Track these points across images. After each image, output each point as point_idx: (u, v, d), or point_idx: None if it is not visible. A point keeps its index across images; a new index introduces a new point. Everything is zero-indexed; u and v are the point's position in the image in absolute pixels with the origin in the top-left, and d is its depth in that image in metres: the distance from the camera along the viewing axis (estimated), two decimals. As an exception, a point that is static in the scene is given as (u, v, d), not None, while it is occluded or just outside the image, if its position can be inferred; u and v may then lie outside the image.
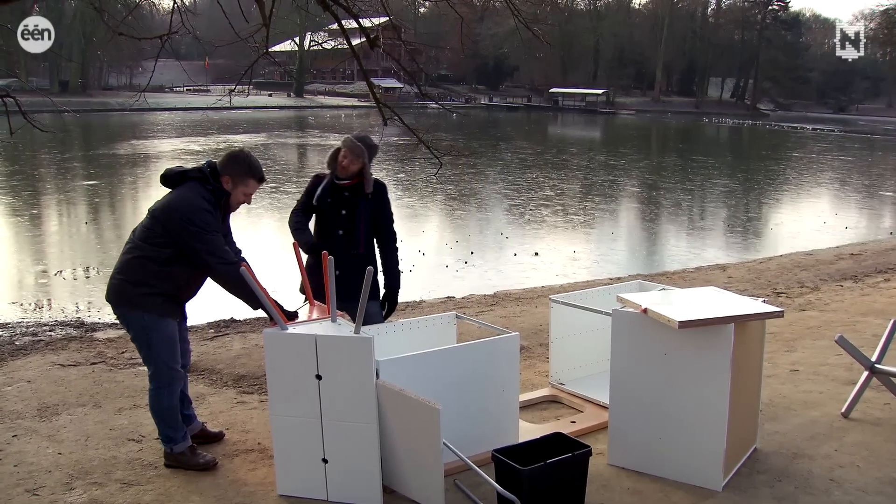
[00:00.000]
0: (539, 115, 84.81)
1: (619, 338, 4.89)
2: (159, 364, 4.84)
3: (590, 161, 36.41)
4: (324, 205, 5.69)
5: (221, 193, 4.82)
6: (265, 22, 8.08)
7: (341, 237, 5.67)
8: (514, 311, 9.56)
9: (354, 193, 5.69)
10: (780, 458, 5.11)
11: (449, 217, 20.20)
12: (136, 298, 4.73)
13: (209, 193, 4.75)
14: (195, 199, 4.68)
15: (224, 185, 4.82)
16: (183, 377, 5.03)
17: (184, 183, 4.77)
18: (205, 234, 4.62)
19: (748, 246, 17.61)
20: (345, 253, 5.58)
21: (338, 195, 5.69)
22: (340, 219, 5.67)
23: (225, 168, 4.82)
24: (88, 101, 61.94)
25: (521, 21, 9.29)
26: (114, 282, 4.84)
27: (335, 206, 5.68)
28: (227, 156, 4.88)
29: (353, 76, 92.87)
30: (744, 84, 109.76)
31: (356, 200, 5.69)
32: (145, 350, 4.87)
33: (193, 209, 4.63)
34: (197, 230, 4.60)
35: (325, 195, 5.69)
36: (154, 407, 4.93)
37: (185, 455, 4.91)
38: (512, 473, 4.16)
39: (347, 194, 5.68)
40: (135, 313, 4.77)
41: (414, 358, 4.70)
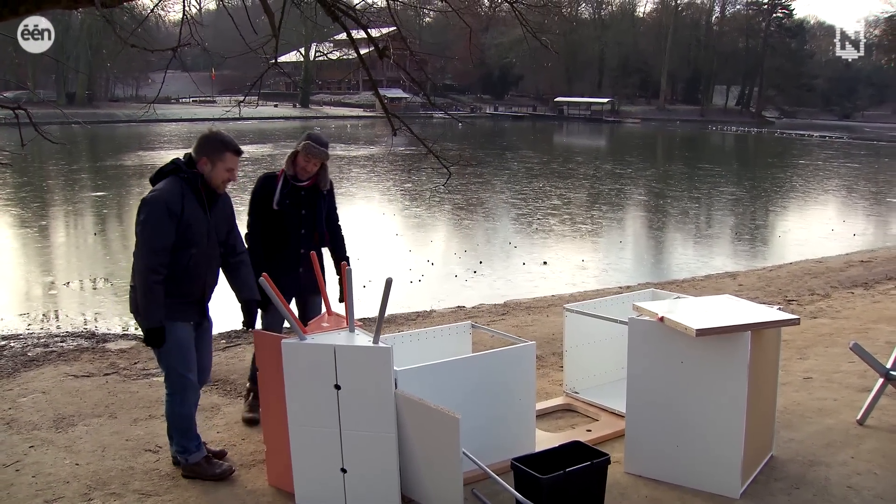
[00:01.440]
0: (544, 124, 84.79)
1: (635, 346, 4.90)
2: (170, 370, 4.85)
3: (596, 170, 36.40)
4: (284, 207, 5.78)
5: (197, 178, 4.77)
6: (275, 33, 8.09)
7: (304, 236, 5.83)
8: (525, 321, 9.57)
9: (311, 193, 5.86)
10: (796, 466, 5.11)
11: (457, 226, 20.20)
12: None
13: (184, 183, 4.72)
14: (158, 192, 4.65)
15: (203, 168, 4.79)
16: (196, 387, 4.99)
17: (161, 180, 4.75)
18: (143, 226, 4.59)
19: (756, 254, 17.58)
20: (309, 250, 5.66)
21: (296, 196, 5.81)
22: (302, 219, 5.82)
23: (199, 151, 4.80)
24: (95, 113, 62.03)
25: (528, 30, 9.30)
26: (131, 288, 4.85)
27: (295, 206, 5.81)
28: (198, 139, 4.86)
29: (359, 87, 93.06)
30: (748, 92, 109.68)
31: (314, 199, 5.88)
32: (158, 358, 4.88)
33: (144, 201, 4.64)
34: (140, 220, 4.61)
35: (284, 198, 5.79)
36: (168, 415, 4.94)
37: (200, 466, 4.91)
38: (532, 482, 4.17)
39: (304, 194, 5.84)
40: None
41: (432, 367, 4.72)
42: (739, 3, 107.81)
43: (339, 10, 8.11)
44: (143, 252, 4.60)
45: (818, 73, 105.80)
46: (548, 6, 11.68)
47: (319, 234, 5.91)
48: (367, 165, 35.10)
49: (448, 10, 10.64)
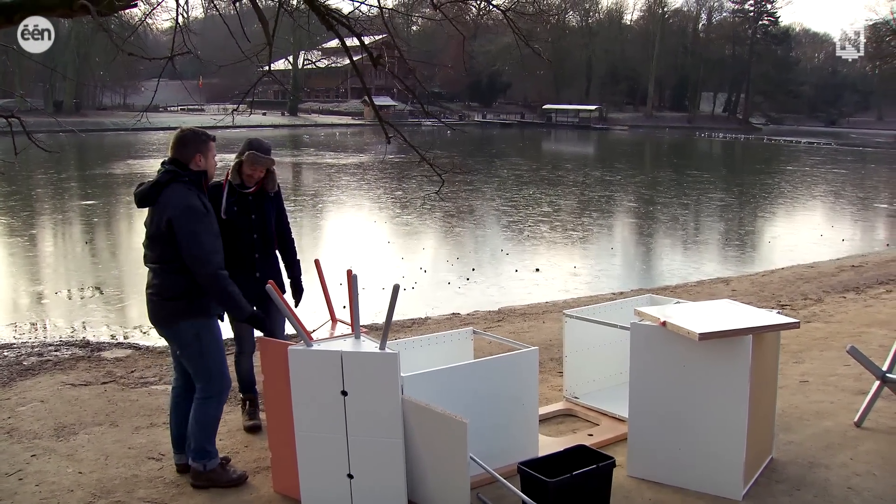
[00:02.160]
0: (533, 131, 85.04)
1: (638, 351, 4.93)
2: (213, 372, 4.90)
3: (585, 177, 36.52)
4: (233, 215, 5.71)
5: (201, 177, 4.88)
6: (269, 41, 8.11)
7: (257, 240, 5.80)
8: (521, 327, 9.60)
9: (258, 197, 5.81)
10: (796, 468, 5.16)
11: (448, 234, 20.23)
12: (182, 309, 4.77)
13: (191, 185, 4.79)
14: (186, 200, 4.71)
15: (199, 164, 4.86)
16: (230, 385, 5.07)
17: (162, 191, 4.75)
18: (195, 234, 4.68)
19: (746, 259, 17.68)
20: (262, 254, 5.82)
21: (243, 202, 5.76)
22: (252, 223, 5.78)
23: (190, 150, 4.84)
24: (83, 121, 61.91)
25: (521, 38, 9.34)
26: (155, 301, 4.83)
27: (244, 212, 5.76)
28: (181, 140, 4.85)
29: (347, 94, 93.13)
30: (735, 98, 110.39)
31: (262, 203, 5.83)
32: (196, 360, 4.87)
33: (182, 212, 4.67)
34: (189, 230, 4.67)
35: (232, 206, 5.73)
36: (200, 418, 4.90)
37: (216, 472, 4.91)
38: (539, 486, 4.19)
39: (251, 199, 5.78)
40: (185, 322, 4.79)
41: (438, 373, 4.75)
42: (726, 11, 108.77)
43: (334, 19, 8.14)
44: (206, 258, 4.69)
45: (804, 79, 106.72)
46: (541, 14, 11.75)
47: (269, 237, 5.88)
48: (356, 173, 35.11)
49: (439, 18, 10.69)
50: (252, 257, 5.79)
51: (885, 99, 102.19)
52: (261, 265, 5.80)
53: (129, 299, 12.33)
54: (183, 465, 5.09)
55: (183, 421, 5.02)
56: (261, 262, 5.81)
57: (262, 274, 5.72)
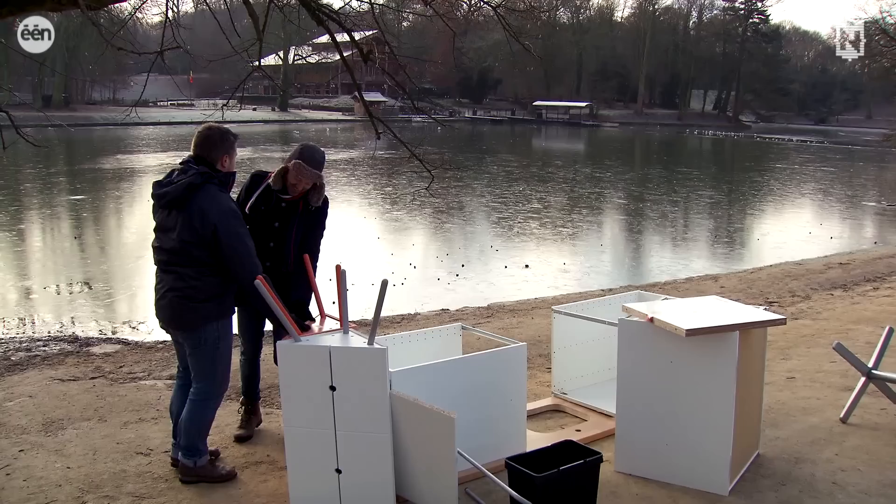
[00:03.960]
0: (523, 128, 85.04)
1: (625, 347, 4.96)
2: (219, 374, 4.90)
3: (575, 174, 36.58)
4: (256, 214, 5.36)
5: (230, 178, 4.85)
6: (259, 36, 8.10)
7: (272, 249, 5.39)
8: (510, 323, 9.62)
9: (292, 206, 5.39)
10: (782, 463, 5.20)
11: (438, 230, 20.24)
12: (211, 311, 4.77)
13: (223, 188, 4.78)
14: (226, 201, 4.75)
15: (225, 165, 4.82)
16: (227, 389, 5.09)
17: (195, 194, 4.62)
18: (241, 236, 4.73)
19: (735, 256, 17.74)
20: (275, 267, 5.36)
21: (273, 205, 5.37)
22: (272, 231, 5.38)
23: (219, 149, 4.79)
24: (72, 116, 61.55)
25: (511, 34, 9.35)
26: (182, 303, 4.73)
27: (268, 216, 5.38)
28: (211, 139, 4.79)
29: (338, 90, 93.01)
30: (726, 96, 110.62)
31: (291, 214, 5.39)
32: (208, 363, 4.84)
33: (226, 213, 4.69)
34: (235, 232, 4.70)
35: (260, 203, 5.37)
36: (197, 418, 4.87)
37: (205, 468, 4.91)
38: (526, 480, 4.21)
39: (284, 206, 5.38)
40: (212, 324, 4.79)
41: (426, 368, 4.77)
42: (716, 9, 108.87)
43: (324, 14, 8.13)
44: (252, 263, 4.72)
45: (794, 77, 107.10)
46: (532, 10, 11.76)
47: (286, 251, 5.40)
48: (346, 169, 35.03)
49: (430, 14, 10.69)
50: (263, 265, 5.20)
51: (875, 97, 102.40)
52: (270, 276, 5.09)
53: (118, 294, 12.31)
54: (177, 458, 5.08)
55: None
56: (270, 272, 5.17)
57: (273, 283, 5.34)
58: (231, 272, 4.71)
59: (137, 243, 16.47)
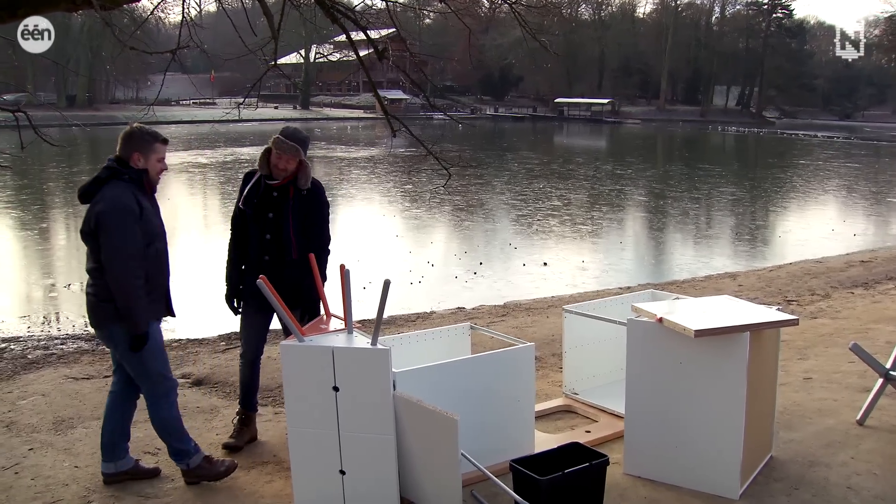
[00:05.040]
0: (544, 125, 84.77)
1: (634, 347, 4.90)
2: (152, 374, 4.78)
3: (596, 171, 36.39)
4: (251, 208, 5.34)
5: (142, 175, 4.71)
6: (274, 35, 8.09)
7: (269, 242, 5.31)
8: (525, 322, 9.57)
9: (283, 194, 5.30)
10: (796, 466, 5.11)
11: (457, 228, 20.20)
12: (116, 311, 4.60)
13: (129, 183, 4.65)
14: (114, 198, 4.56)
15: (136, 164, 4.69)
16: (176, 385, 4.98)
17: (100, 188, 4.61)
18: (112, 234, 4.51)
19: (756, 254, 17.58)
20: (276, 259, 5.31)
21: (265, 196, 5.32)
22: (267, 222, 5.31)
23: (128, 148, 4.69)
24: (95, 115, 61.97)
25: (528, 31, 9.29)
26: (92, 302, 4.72)
27: (262, 208, 5.32)
28: (122, 137, 4.71)
29: (359, 88, 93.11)
30: (749, 92, 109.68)
31: (283, 202, 5.29)
32: (136, 364, 4.75)
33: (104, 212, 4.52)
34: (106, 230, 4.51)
35: (252, 197, 5.33)
36: (158, 423, 4.85)
37: (202, 468, 4.89)
38: (530, 483, 4.17)
39: (276, 195, 5.31)
40: (119, 325, 4.63)
41: (430, 369, 4.72)
42: (739, 4, 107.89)
43: (338, 12, 8.10)
44: (119, 259, 4.52)
45: (818, 73, 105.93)
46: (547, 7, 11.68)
47: (285, 240, 5.30)
48: (367, 167, 35.09)
49: (447, 12, 10.64)
50: (261, 259, 5.33)
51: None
52: (270, 270, 5.13)
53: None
54: (110, 474, 4.93)
55: (117, 427, 4.94)
56: (270, 266, 5.25)
57: (271, 278, 4.90)
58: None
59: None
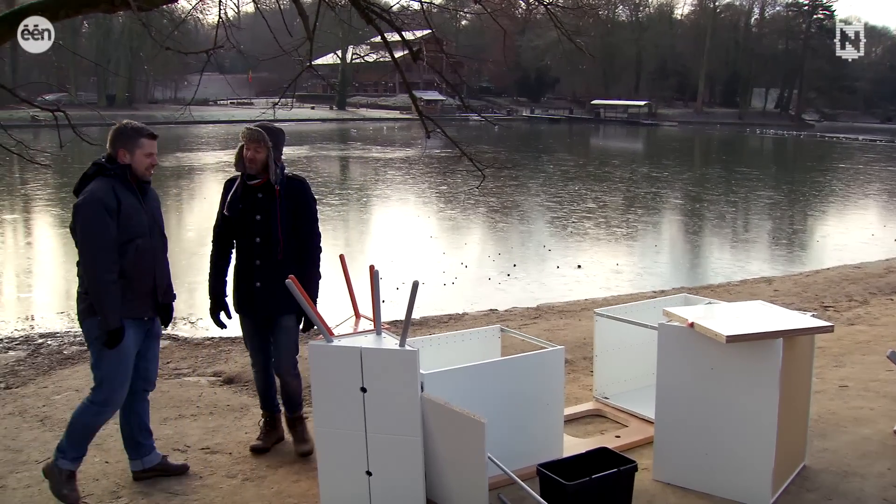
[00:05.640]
0: (581, 127, 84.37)
1: (665, 352, 4.84)
2: (104, 381, 4.67)
3: (632, 173, 36.15)
4: (236, 213, 5.18)
5: (126, 171, 4.64)
6: (309, 36, 8.11)
7: (259, 245, 5.16)
8: (557, 324, 9.52)
9: (267, 194, 5.14)
10: (830, 477, 5.02)
11: (491, 229, 20.18)
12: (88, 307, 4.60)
13: (113, 179, 4.59)
14: (89, 193, 4.53)
15: (123, 160, 4.63)
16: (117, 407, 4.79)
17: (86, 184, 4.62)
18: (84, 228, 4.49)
19: (793, 259, 17.36)
20: (268, 263, 5.16)
21: (250, 199, 5.17)
22: (255, 225, 5.14)
23: (114, 144, 4.64)
24: (134, 115, 62.40)
25: (563, 33, 9.24)
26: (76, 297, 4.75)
27: (248, 211, 5.16)
28: (111, 133, 4.68)
29: (396, 89, 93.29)
30: (788, 94, 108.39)
31: (270, 202, 5.14)
32: (92, 365, 4.70)
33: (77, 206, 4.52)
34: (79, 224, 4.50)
35: (237, 202, 5.18)
36: (74, 417, 4.75)
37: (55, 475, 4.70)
38: (557, 488, 4.13)
39: (261, 196, 5.16)
40: (89, 321, 4.62)
41: (459, 371, 4.70)
42: (779, 5, 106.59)
43: (373, 13, 8.12)
44: (91, 254, 4.50)
45: (860, 75, 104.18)
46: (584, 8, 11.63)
47: (274, 242, 5.14)
48: (402, 168, 35.17)
49: (483, 13, 10.64)
50: (251, 264, 5.19)
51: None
52: (262, 274, 5.15)
53: (175, 290, 12.43)
54: (138, 471, 4.95)
55: (134, 424, 4.93)
56: (262, 270, 5.15)
57: (265, 284, 5.15)
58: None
59: (196, 240, 16.64)
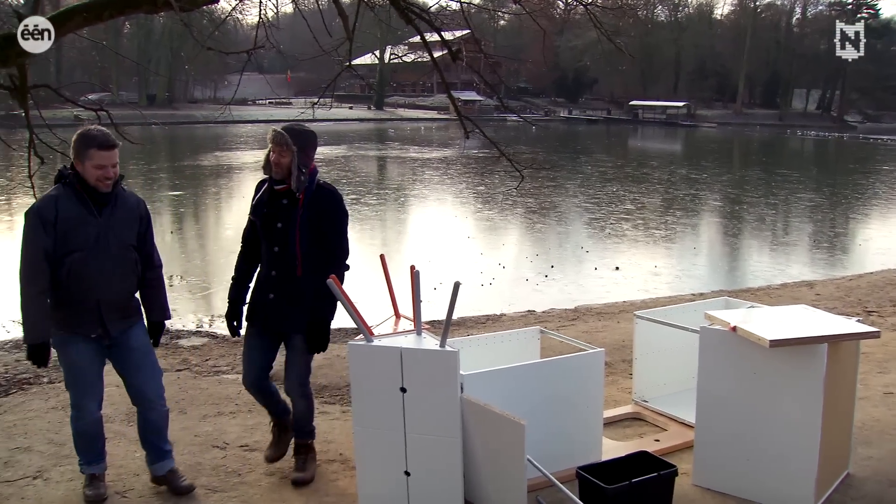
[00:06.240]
0: (619, 128, 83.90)
1: (706, 356, 4.79)
2: (68, 389, 4.61)
3: (671, 175, 35.86)
4: (260, 217, 4.82)
5: (76, 180, 4.36)
6: (349, 36, 8.14)
7: (277, 255, 4.76)
8: (595, 326, 9.46)
9: (291, 201, 4.72)
10: (875, 485, 4.93)
11: (529, 230, 20.14)
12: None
13: (66, 187, 4.36)
14: (35, 202, 4.38)
15: (77, 168, 4.37)
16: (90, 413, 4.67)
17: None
18: (22, 237, 4.30)
19: (835, 262, 17.12)
20: (284, 275, 4.76)
21: (275, 204, 4.75)
22: (276, 233, 4.74)
23: (72, 152, 4.39)
24: (174, 114, 63.65)
25: (603, 33, 9.20)
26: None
27: (271, 217, 4.76)
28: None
29: (433, 89, 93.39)
30: (830, 95, 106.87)
31: (292, 212, 4.71)
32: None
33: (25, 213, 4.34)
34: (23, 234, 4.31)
35: (262, 206, 4.80)
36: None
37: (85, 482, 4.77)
38: (597, 491, 4.11)
39: (284, 202, 4.73)
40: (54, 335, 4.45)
41: (499, 372, 4.70)
42: (821, 4, 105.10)
43: (413, 13, 8.13)
44: (21, 264, 4.27)
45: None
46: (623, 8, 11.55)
47: (291, 254, 4.72)
48: (440, 168, 35.20)
49: (522, 13, 10.61)
50: (268, 274, 4.81)
51: None
52: (277, 286, 4.77)
53: (212, 288, 12.57)
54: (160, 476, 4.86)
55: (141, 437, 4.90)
56: (277, 281, 4.77)
57: (278, 296, 4.77)
58: None
59: (234, 238, 16.77)
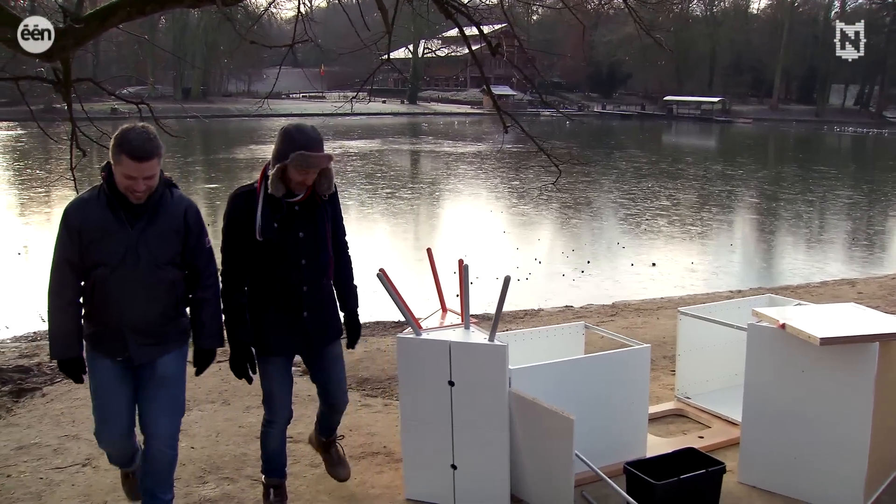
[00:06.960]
0: (653, 123, 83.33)
1: (754, 353, 4.75)
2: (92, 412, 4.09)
3: (706, 171, 35.59)
4: (273, 235, 4.17)
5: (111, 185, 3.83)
6: (388, 29, 8.17)
7: (305, 268, 4.25)
8: (635, 322, 9.42)
9: (308, 206, 4.26)
10: (924, 485, 4.88)
11: (564, 225, 20.09)
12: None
13: (100, 192, 3.86)
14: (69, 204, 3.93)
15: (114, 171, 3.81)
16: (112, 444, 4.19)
17: None
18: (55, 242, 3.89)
19: (874, 260, 16.91)
20: (313, 287, 4.30)
21: (288, 216, 4.21)
22: (299, 244, 4.22)
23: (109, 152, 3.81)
24: (209, 108, 64.08)
25: (642, 28, 9.15)
26: None
27: (286, 230, 4.20)
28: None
29: (466, 83, 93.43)
30: (869, 91, 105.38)
31: (314, 214, 4.27)
32: None
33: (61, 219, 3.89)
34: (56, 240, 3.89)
35: (271, 222, 4.17)
36: None
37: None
38: (645, 487, 4.10)
39: (299, 209, 4.23)
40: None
41: (546, 367, 4.71)
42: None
43: (453, 7, 8.14)
44: (50, 272, 3.87)
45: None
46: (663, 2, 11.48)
47: (323, 262, 4.32)
48: (474, 162, 35.20)
49: (560, 7, 10.58)
50: (299, 291, 4.26)
51: None
52: (310, 301, 4.29)
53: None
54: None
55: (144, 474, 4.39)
56: (310, 296, 4.28)
57: (312, 314, 4.30)
58: None
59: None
